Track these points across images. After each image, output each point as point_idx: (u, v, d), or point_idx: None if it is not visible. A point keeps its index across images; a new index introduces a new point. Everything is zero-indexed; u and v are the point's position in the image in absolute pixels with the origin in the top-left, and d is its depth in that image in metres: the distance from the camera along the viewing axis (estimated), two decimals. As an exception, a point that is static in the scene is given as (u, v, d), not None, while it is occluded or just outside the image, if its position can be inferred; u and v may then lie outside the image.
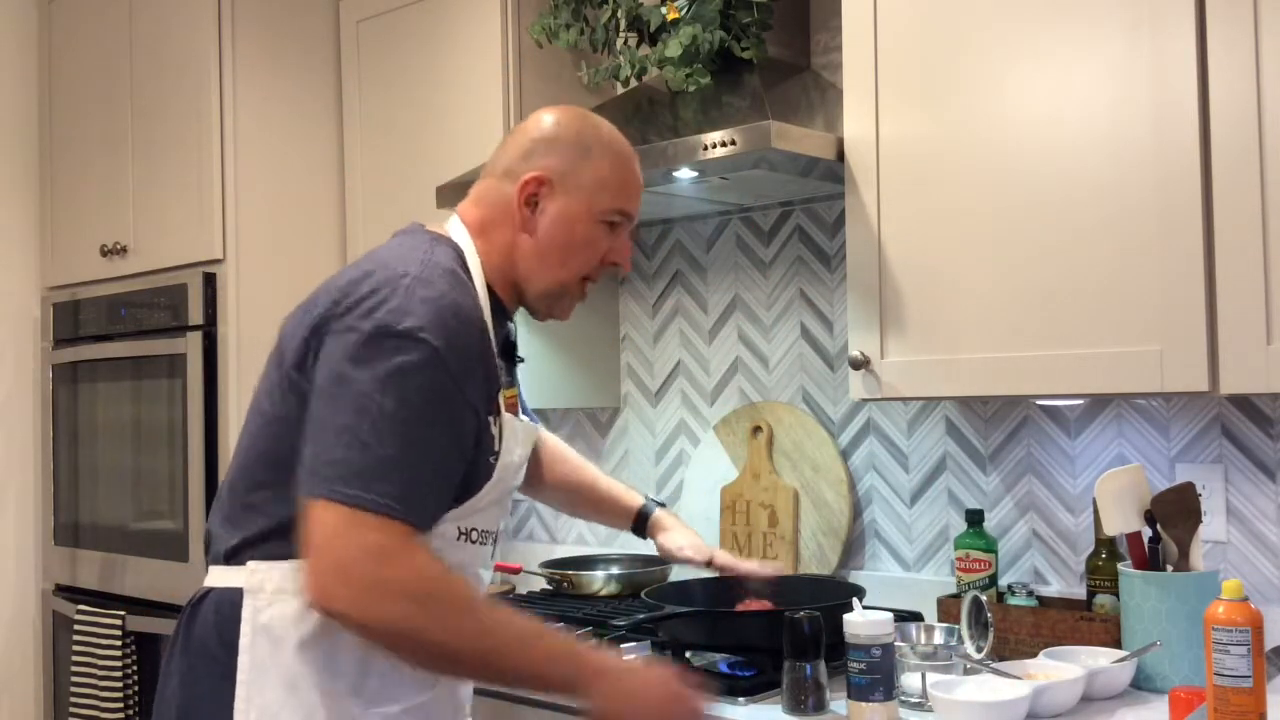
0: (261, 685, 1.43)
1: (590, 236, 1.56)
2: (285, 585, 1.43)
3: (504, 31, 2.64)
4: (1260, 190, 1.62)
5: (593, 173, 1.55)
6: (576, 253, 1.56)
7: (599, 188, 1.56)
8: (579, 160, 1.55)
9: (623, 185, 1.58)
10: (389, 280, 1.41)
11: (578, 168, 1.55)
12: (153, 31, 2.99)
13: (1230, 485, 1.98)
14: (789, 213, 2.57)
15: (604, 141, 1.58)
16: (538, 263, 1.56)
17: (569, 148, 1.56)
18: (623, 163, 1.59)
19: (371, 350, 1.36)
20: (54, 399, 3.29)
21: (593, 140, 1.57)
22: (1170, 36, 1.69)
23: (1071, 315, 1.78)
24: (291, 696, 1.42)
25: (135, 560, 2.96)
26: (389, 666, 1.45)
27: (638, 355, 2.83)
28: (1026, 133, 1.83)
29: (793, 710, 1.74)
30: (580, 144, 1.56)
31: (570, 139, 1.56)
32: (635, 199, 1.61)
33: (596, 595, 2.53)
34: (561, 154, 1.55)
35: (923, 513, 2.35)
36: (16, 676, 3.31)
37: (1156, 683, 1.80)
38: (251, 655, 1.43)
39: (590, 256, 1.58)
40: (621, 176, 1.58)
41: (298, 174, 2.95)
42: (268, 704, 1.42)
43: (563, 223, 1.55)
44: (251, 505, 1.48)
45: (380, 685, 1.46)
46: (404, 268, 1.43)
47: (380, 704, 1.45)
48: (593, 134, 1.58)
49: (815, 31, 2.52)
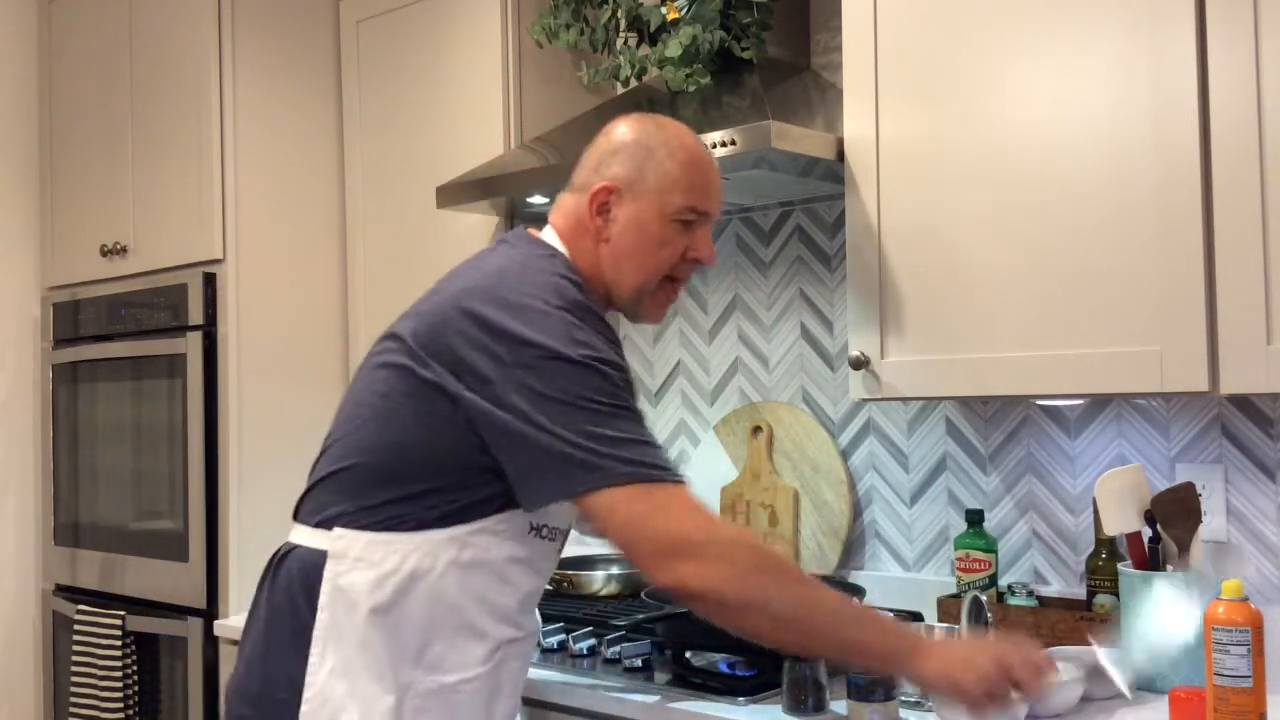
0: (336, 642, 1.53)
1: (664, 237, 1.61)
2: (365, 555, 1.53)
3: (504, 31, 2.64)
4: (1260, 190, 1.62)
5: (658, 174, 1.60)
6: (651, 255, 1.61)
7: (667, 188, 1.60)
8: (644, 164, 1.60)
9: (692, 183, 1.61)
10: (542, 312, 1.49)
11: (644, 172, 1.60)
12: (153, 31, 2.99)
13: (1230, 485, 1.98)
14: (789, 213, 2.57)
15: (669, 143, 1.61)
16: (617, 269, 1.62)
17: (634, 153, 1.61)
18: (690, 161, 1.61)
19: (554, 370, 1.45)
20: (54, 399, 3.29)
21: (657, 142, 1.61)
22: (1170, 36, 1.69)
23: (1071, 315, 1.78)
24: (363, 654, 1.52)
25: (135, 560, 2.96)
26: (447, 641, 1.54)
27: (638, 355, 2.83)
28: (1026, 133, 1.83)
29: (793, 710, 1.74)
30: (644, 147, 1.61)
31: (634, 144, 1.62)
32: (708, 196, 1.63)
33: (596, 595, 2.53)
34: (626, 160, 1.61)
35: (923, 513, 2.35)
36: (16, 676, 3.31)
37: (1156, 683, 1.80)
38: (330, 613, 1.53)
39: (668, 256, 1.62)
40: (690, 175, 1.61)
41: (298, 174, 2.95)
42: (341, 659, 1.53)
43: (635, 227, 1.60)
44: (345, 477, 1.56)
45: (438, 656, 1.54)
46: (544, 296, 1.51)
47: (436, 673, 1.54)
48: (657, 136, 1.62)
49: (815, 31, 2.52)
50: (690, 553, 1.41)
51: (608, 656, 2.06)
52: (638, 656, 2.01)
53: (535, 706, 2.00)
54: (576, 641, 2.14)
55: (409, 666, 1.53)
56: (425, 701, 1.53)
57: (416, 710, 1.53)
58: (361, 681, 1.52)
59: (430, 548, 1.52)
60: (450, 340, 1.50)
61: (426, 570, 1.52)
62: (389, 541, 1.52)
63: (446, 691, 1.54)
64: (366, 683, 1.52)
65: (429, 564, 1.52)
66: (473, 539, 1.53)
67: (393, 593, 1.52)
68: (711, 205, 1.64)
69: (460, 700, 1.55)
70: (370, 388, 1.59)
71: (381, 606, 1.52)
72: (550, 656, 2.13)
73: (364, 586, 1.52)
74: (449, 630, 1.54)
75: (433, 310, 1.55)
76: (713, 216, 1.65)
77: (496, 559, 1.55)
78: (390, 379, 1.55)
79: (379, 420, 1.55)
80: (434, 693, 1.54)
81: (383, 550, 1.52)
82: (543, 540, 1.60)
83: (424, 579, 1.52)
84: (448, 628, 1.54)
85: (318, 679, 1.52)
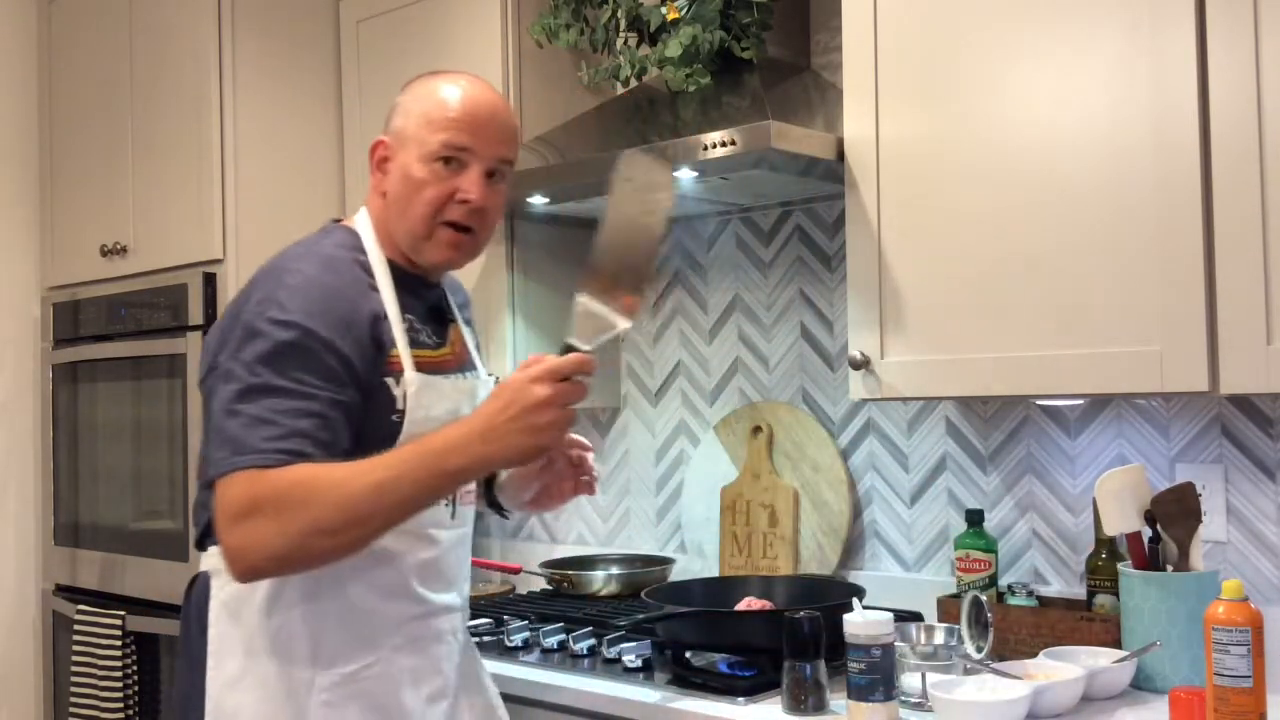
0: (225, 655, 1.56)
1: (426, 179, 1.59)
2: None
3: (504, 31, 2.64)
4: (1260, 190, 1.61)
5: (416, 118, 1.61)
6: (416, 197, 1.59)
7: (424, 129, 1.60)
8: (407, 112, 1.63)
9: (440, 120, 1.59)
10: (263, 279, 1.56)
11: (407, 120, 1.62)
12: (153, 32, 2.99)
13: (1230, 485, 1.98)
14: (789, 213, 2.57)
15: (427, 86, 1.64)
16: (396, 218, 1.63)
17: (402, 104, 1.65)
18: (437, 99, 1.61)
19: (243, 342, 1.49)
20: (54, 399, 3.29)
21: (422, 91, 1.64)
22: (1170, 36, 1.69)
23: (1071, 315, 1.78)
24: (249, 664, 1.55)
25: (135, 560, 2.96)
26: (336, 632, 1.55)
27: (638, 355, 2.83)
28: (1026, 133, 1.83)
29: (793, 710, 1.74)
30: (412, 97, 1.64)
31: (404, 97, 1.65)
32: (463, 131, 1.59)
33: (596, 595, 2.53)
34: (397, 113, 1.65)
35: (923, 513, 2.35)
36: (16, 676, 3.31)
37: (1156, 683, 1.80)
38: (217, 629, 1.57)
39: (431, 197, 1.59)
40: (442, 112, 1.60)
41: (298, 174, 2.94)
42: (229, 673, 1.55)
43: (402, 175, 1.61)
44: (205, 495, 1.57)
45: (333, 650, 1.55)
46: (283, 263, 1.58)
47: (336, 666, 1.55)
48: (418, 84, 1.65)
49: (815, 31, 2.52)
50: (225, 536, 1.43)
51: (608, 656, 2.06)
52: (638, 656, 2.01)
53: (535, 706, 2.00)
54: (576, 641, 2.14)
55: (304, 667, 1.54)
56: (331, 695, 1.55)
57: (324, 705, 1.54)
58: (253, 688, 1.54)
59: None
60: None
61: None
62: None
63: (349, 682, 1.56)
64: (256, 688, 1.54)
65: None
66: None
67: (268, 592, 1.54)
68: (473, 142, 1.59)
69: (369, 687, 1.56)
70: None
71: (262, 608, 1.54)
72: (550, 656, 2.13)
73: (242, 593, 1.55)
74: (335, 619, 1.55)
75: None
76: (479, 155, 1.60)
77: None
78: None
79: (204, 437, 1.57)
80: (338, 685, 1.55)
81: None
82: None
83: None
84: (332, 616, 1.55)
85: (214, 693, 1.55)
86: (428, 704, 1.63)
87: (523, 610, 2.42)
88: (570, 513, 2.94)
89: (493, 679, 1.83)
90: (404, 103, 1.65)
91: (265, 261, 1.62)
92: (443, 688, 1.66)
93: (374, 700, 1.57)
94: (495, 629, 2.29)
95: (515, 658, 2.13)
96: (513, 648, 2.19)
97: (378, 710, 1.57)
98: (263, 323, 1.49)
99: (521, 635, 2.21)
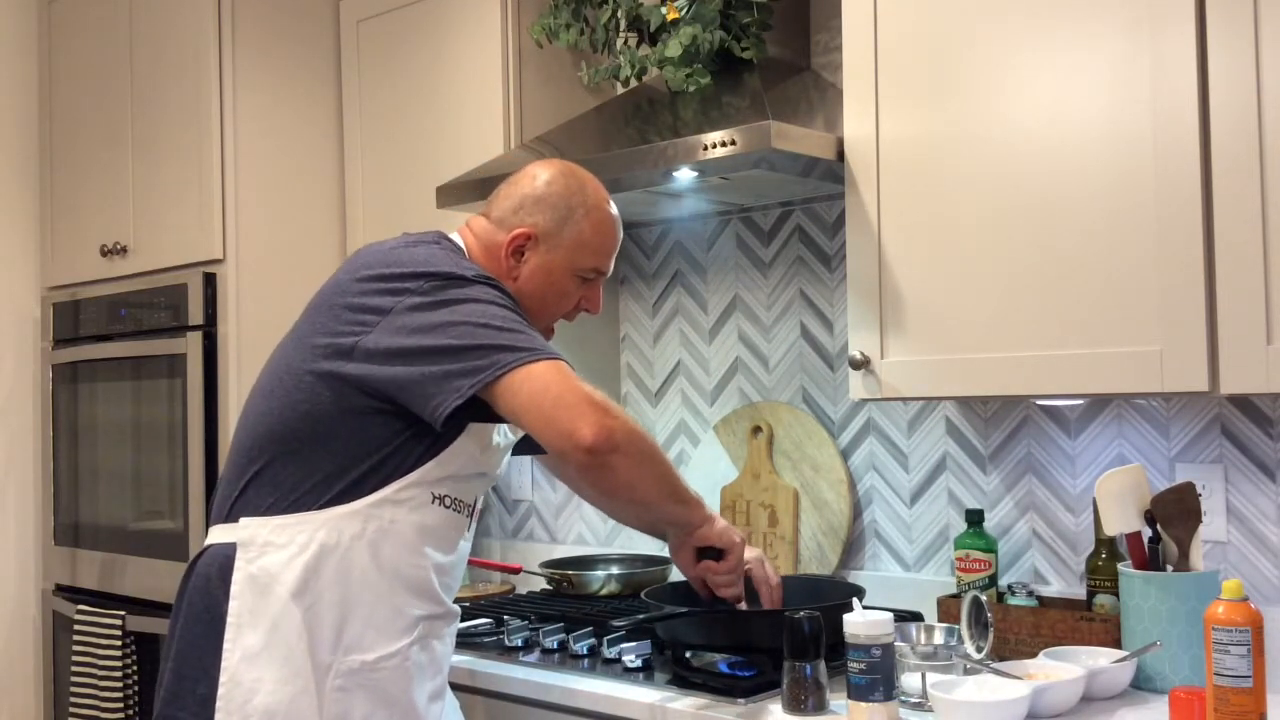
0: (247, 628, 1.59)
1: (566, 289, 1.78)
2: (273, 538, 1.60)
3: (504, 31, 2.64)
4: (1260, 190, 1.62)
5: (574, 233, 1.76)
6: (552, 302, 1.78)
7: (579, 247, 1.76)
8: (564, 221, 1.75)
9: (602, 246, 1.78)
10: (404, 253, 1.67)
11: (562, 228, 1.75)
12: (152, 31, 2.99)
13: (1230, 485, 1.98)
14: (789, 213, 2.57)
15: (588, 204, 1.78)
16: (522, 300, 1.74)
17: (556, 206, 1.76)
18: (604, 226, 1.78)
19: (438, 295, 1.59)
20: (54, 399, 3.29)
21: (578, 203, 1.77)
22: (1170, 36, 1.69)
23: (1071, 315, 1.78)
24: (272, 638, 1.58)
25: (135, 560, 2.96)
26: (363, 619, 1.60)
27: (638, 355, 2.83)
28: (1027, 133, 1.83)
29: (793, 710, 1.74)
30: (567, 205, 1.76)
31: (558, 198, 1.76)
32: (610, 258, 1.82)
33: (596, 595, 2.53)
34: (549, 212, 1.76)
35: (923, 513, 2.35)
36: (16, 676, 3.31)
37: (1156, 683, 1.80)
38: (240, 601, 1.59)
39: (564, 305, 1.80)
40: (601, 238, 1.78)
41: (298, 174, 2.95)
42: (251, 645, 1.58)
43: (543, 274, 1.76)
44: (250, 474, 1.65)
45: (356, 635, 1.60)
46: (430, 254, 1.67)
47: (355, 652, 1.60)
48: (579, 197, 1.77)
49: (815, 31, 2.52)
50: (602, 410, 1.56)
51: (607, 656, 2.06)
52: (638, 656, 2.01)
53: (535, 706, 2.00)
54: (576, 641, 2.13)
55: (327, 649, 1.59)
56: (346, 681, 1.59)
57: (338, 690, 1.58)
58: (274, 664, 1.57)
59: (335, 523, 1.59)
60: (341, 302, 1.63)
61: (334, 546, 1.58)
62: (295, 522, 1.59)
63: (366, 670, 1.60)
64: (278, 665, 1.57)
65: (335, 539, 1.58)
66: (376, 511, 1.60)
67: (303, 572, 1.58)
68: (610, 265, 1.82)
69: (382, 678, 1.61)
70: (261, 390, 1.70)
71: (294, 588, 1.58)
72: (550, 656, 2.13)
73: (274, 569, 1.59)
74: (365, 607, 1.61)
75: (321, 299, 1.68)
76: (608, 274, 1.83)
77: (403, 529, 1.62)
78: (281, 375, 1.66)
79: (271, 414, 1.65)
80: (354, 671, 1.60)
81: (290, 531, 1.59)
82: (447, 510, 1.67)
83: (332, 555, 1.58)
84: (363, 604, 1.60)
85: (230, 664, 1.58)
86: (429, 702, 1.68)
87: (523, 610, 2.43)
88: (570, 513, 2.94)
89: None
90: (552, 205, 1.76)
91: (369, 249, 1.73)
92: (441, 687, 1.73)
93: (384, 692, 1.61)
94: (495, 629, 2.29)
95: (515, 658, 2.13)
96: (513, 648, 2.18)
97: (386, 702, 1.62)
98: (453, 270, 1.62)
99: (521, 635, 2.21)
